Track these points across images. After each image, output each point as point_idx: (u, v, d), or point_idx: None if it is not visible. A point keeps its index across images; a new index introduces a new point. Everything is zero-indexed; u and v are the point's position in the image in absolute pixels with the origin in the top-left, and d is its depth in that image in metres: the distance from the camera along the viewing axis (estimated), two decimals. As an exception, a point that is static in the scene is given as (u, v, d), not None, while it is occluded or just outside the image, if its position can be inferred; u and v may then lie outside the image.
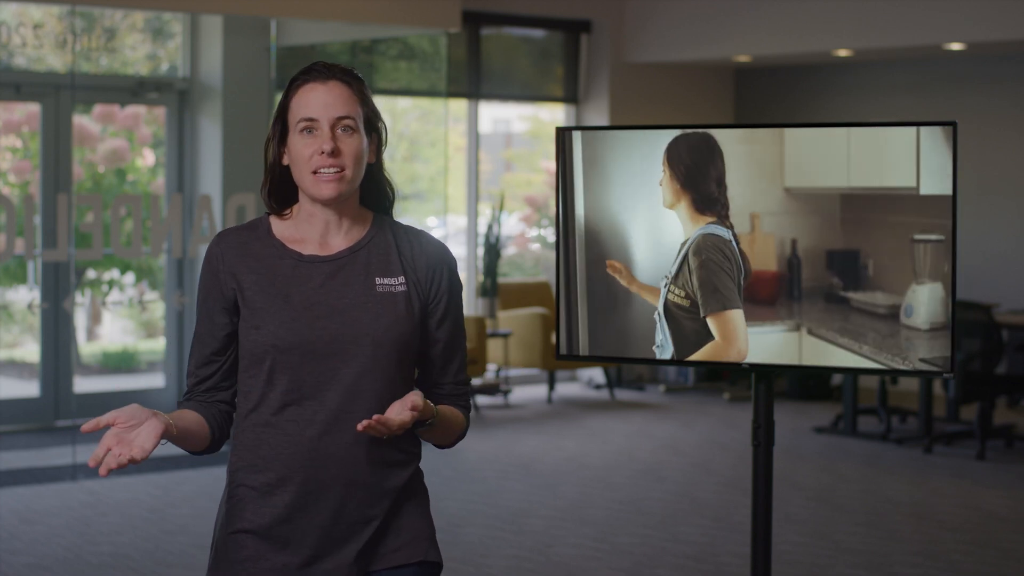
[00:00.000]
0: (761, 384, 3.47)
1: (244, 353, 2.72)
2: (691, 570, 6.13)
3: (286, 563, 2.70)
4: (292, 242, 2.73)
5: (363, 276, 2.71)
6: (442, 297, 2.77)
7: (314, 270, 2.71)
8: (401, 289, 2.72)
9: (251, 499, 2.71)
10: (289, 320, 2.67)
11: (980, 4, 9.66)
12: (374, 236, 2.75)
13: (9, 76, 9.10)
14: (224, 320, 2.72)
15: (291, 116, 2.69)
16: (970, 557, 6.38)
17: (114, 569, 6.09)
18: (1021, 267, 10.80)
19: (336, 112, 2.66)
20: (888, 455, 8.75)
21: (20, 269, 9.23)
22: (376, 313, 2.69)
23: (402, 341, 2.71)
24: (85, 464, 8.10)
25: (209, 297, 2.73)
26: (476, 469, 8.19)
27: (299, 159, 2.67)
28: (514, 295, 11.19)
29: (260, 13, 8.88)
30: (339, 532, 2.70)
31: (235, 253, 2.72)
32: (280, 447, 2.69)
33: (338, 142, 2.66)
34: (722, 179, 3.40)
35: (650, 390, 11.31)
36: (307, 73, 2.70)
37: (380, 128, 2.75)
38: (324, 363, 2.67)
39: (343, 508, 2.70)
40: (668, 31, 11.31)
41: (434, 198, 11.12)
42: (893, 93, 11.50)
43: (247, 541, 2.71)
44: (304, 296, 2.69)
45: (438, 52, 10.19)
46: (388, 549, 2.75)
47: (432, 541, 2.80)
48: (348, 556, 2.71)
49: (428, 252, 2.77)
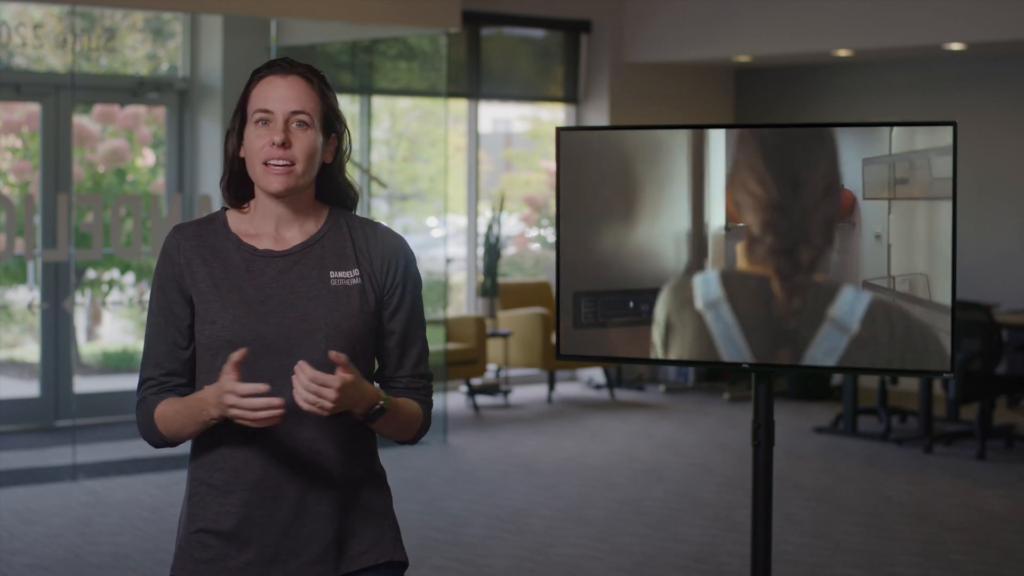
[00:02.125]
0: (761, 384, 3.47)
1: (199, 347, 2.71)
2: (691, 570, 6.13)
3: (249, 561, 2.69)
4: (247, 236, 2.73)
5: (317, 270, 2.71)
6: (396, 288, 2.75)
7: (268, 264, 2.70)
8: (355, 282, 2.71)
9: (211, 497, 2.70)
10: (243, 314, 2.66)
11: (980, 4, 9.66)
12: (329, 230, 2.75)
13: (9, 76, 9.10)
14: (184, 311, 2.71)
15: (249, 108, 2.70)
16: (970, 557, 6.38)
17: (114, 569, 6.09)
18: (1021, 267, 10.80)
19: (291, 106, 2.66)
20: (888, 455, 8.75)
21: (20, 269, 9.23)
22: (329, 306, 2.68)
23: (356, 334, 2.70)
24: (85, 464, 8.10)
25: (168, 288, 2.71)
26: (476, 469, 8.19)
27: (251, 150, 2.68)
28: (514, 295, 11.19)
29: (260, 13, 8.88)
30: (301, 529, 2.70)
31: (191, 245, 2.72)
32: (237, 443, 2.68)
33: (290, 135, 2.66)
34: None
35: (650, 390, 11.31)
36: (270, 67, 2.70)
37: (339, 129, 2.74)
38: (279, 357, 2.66)
39: (303, 504, 2.69)
40: (668, 31, 11.31)
41: (434, 198, 11.12)
42: (893, 93, 11.50)
43: (210, 540, 2.71)
44: (258, 290, 2.68)
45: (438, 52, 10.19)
46: (355, 552, 2.74)
47: (398, 541, 2.80)
48: (312, 555, 2.70)
49: (383, 243, 2.76)
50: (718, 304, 3.45)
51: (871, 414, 9.61)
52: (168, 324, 2.72)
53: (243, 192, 2.76)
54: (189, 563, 2.73)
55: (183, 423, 2.66)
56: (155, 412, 2.71)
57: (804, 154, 3.40)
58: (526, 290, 11.34)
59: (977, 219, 10.84)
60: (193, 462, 2.75)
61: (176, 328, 2.71)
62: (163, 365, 2.73)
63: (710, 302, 3.46)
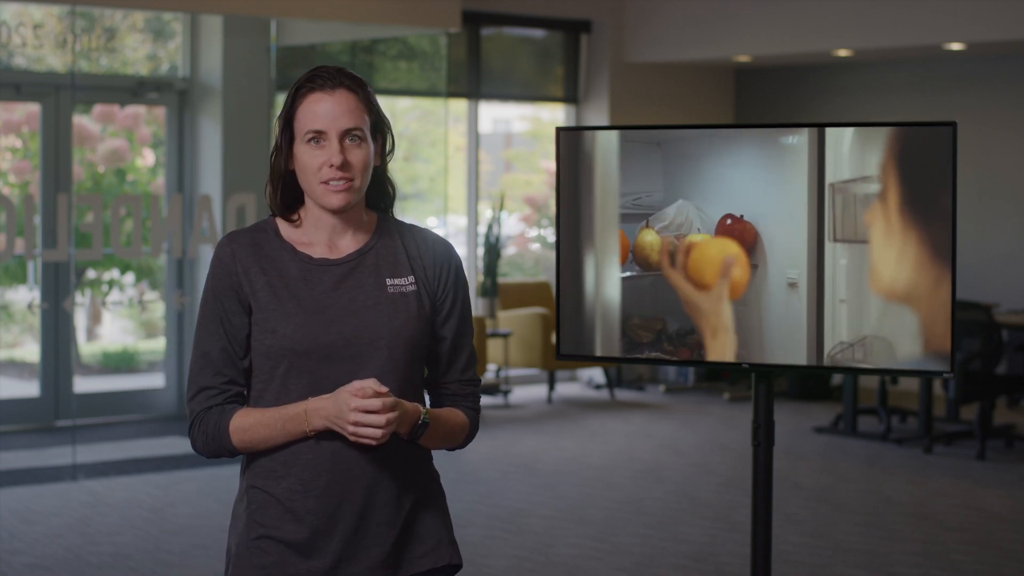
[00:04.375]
0: (761, 384, 3.47)
1: (257, 356, 2.69)
2: (691, 570, 6.13)
3: (311, 569, 2.69)
4: (301, 245, 2.72)
5: (373, 277, 2.71)
6: (448, 293, 2.77)
7: (325, 273, 2.70)
8: (411, 289, 2.73)
9: (272, 505, 2.69)
10: (304, 323, 2.65)
11: (980, 4, 9.66)
12: (381, 237, 2.75)
13: (9, 76, 9.10)
14: (242, 321, 2.68)
15: (298, 126, 2.67)
16: (970, 557, 6.38)
17: (114, 569, 6.09)
18: (1021, 267, 10.80)
19: (344, 124, 2.65)
20: (888, 455, 8.74)
21: (20, 269, 9.23)
22: (389, 314, 2.69)
23: (415, 340, 2.71)
24: (85, 464, 8.10)
25: (225, 297, 2.68)
26: (476, 469, 8.19)
27: (307, 169, 2.66)
28: (514, 295, 11.19)
29: (260, 13, 8.88)
30: (363, 536, 2.69)
31: (247, 253, 2.70)
32: (300, 452, 2.67)
33: (347, 154, 2.65)
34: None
35: (650, 390, 11.31)
36: (312, 81, 2.66)
37: (385, 131, 2.74)
38: (341, 366, 2.65)
39: (366, 512, 2.69)
40: (668, 31, 11.31)
41: (434, 198, 11.13)
42: (893, 93, 11.49)
43: (271, 547, 2.69)
44: (316, 299, 2.68)
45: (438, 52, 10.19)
46: (414, 555, 2.75)
47: (454, 544, 2.82)
48: (374, 560, 2.70)
49: (435, 250, 2.78)
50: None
51: (871, 414, 9.61)
52: (226, 333, 2.69)
53: (290, 202, 2.74)
54: (249, 569, 2.71)
55: (270, 434, 2.65)
56: (230, 423, 2.67)
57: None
58: (526, 290, 11.34)
59: (977, 219, 10.84)
60: (251, 471, 2.72)
61: (234, 337, 2.69)
62: (224, 373, 2.69)
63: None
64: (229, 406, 2.69)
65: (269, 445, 2.66)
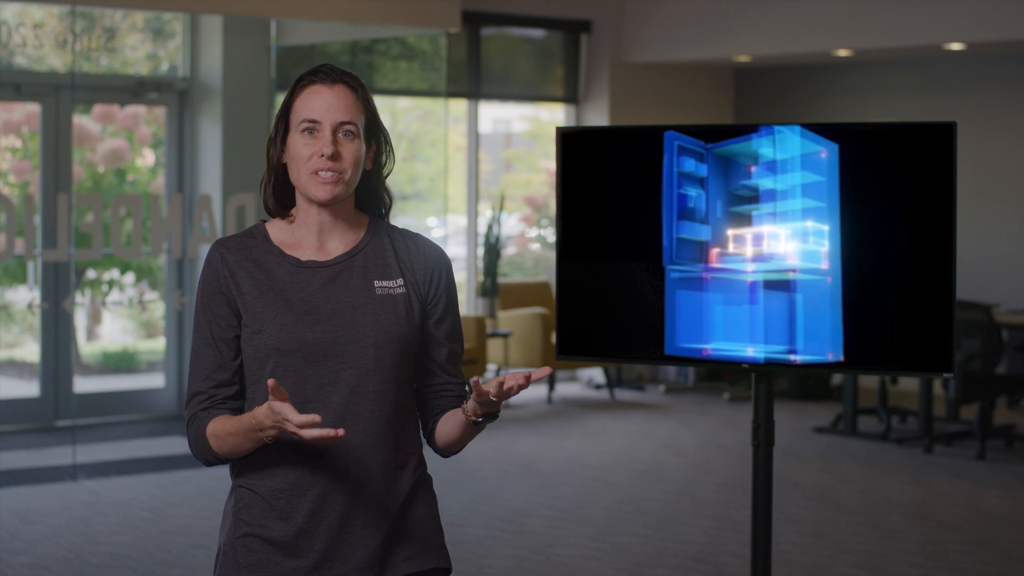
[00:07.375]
0: (761, 384, 3.47)
1: (246, 358, 2.71)
2: (691, 570, 6.13)
3: (295, 568, 2.70)
4: (289, 247, 2.74)
5: (361, 279, 2.72)
6: (440, 298, 2.79)
7: (313, 275, 2.71)
8: (400, 291, 2.74)
9: (258, 503, 2.71)
10: (290, 323, 2.67)
11: (980, 4, 9.66)
12: (371, 240, 2.77)
13: (9, 76, 9.10)
14: (231, 324, 2.71)
15: (294, 116, 2.70)
16: (970, 557, 6.39)
17: (114, 569, 6.09)
18: (1021, 267, 10.80)
19: (339, 116, 2.67)
20: (888, 455, 8.75)
21: (20, 269, 9.23)
22: (376, 315, 2.70)
23: (403, 342, 2.72)
24: (85, 464, 8.10)
25: (214, 302, 2.71)
26: (476, 469, 8.19)
27: (298, 159, 2.69)
28: (514, 295, 11.19)
29: (260, 13, 8.88)
30: (348, 536, 2.70)
31: (235, 257, 2.72)
32: (286, 451, 2.69)
33: (339, 146, 2.67)
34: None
35: (650, 390, 11.31)
36: (314, 74, 2.70)
37: (379, 136, 2.76)
38: (326, 366, 2.67)
39: (351, 512, 2.70)
40: (668, 31, 11.31)
41: (434, 198, 11.13)
42: (893, 93, 11.50)
43: (255, 545, 2.71)
44: (303, 300, 2.69)
45: (438, 52, 10.19)
46: (400, 557, 2.75)
47: (443, 547, 2.82)
48: (359, 561, 2.71)
49: (426, 254, 2.79)
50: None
51: (871, 414, 9.61)
52: (215, 337, 2.71)
53: (285, 200, 2.77)
54: (234, 567, 2.72)
55: (237, 441, 2.66)
56: (207, 431, 2.69)
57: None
58: (526, 290, 11.34)
59: (977, 219, 10.84)
60: (238, 469, 2.75)
61: (224, 340, 2.71)
62: (212, 377, 2.72)
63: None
64: (213, 412, 2.71)
65: (242, 452, 2.68)
